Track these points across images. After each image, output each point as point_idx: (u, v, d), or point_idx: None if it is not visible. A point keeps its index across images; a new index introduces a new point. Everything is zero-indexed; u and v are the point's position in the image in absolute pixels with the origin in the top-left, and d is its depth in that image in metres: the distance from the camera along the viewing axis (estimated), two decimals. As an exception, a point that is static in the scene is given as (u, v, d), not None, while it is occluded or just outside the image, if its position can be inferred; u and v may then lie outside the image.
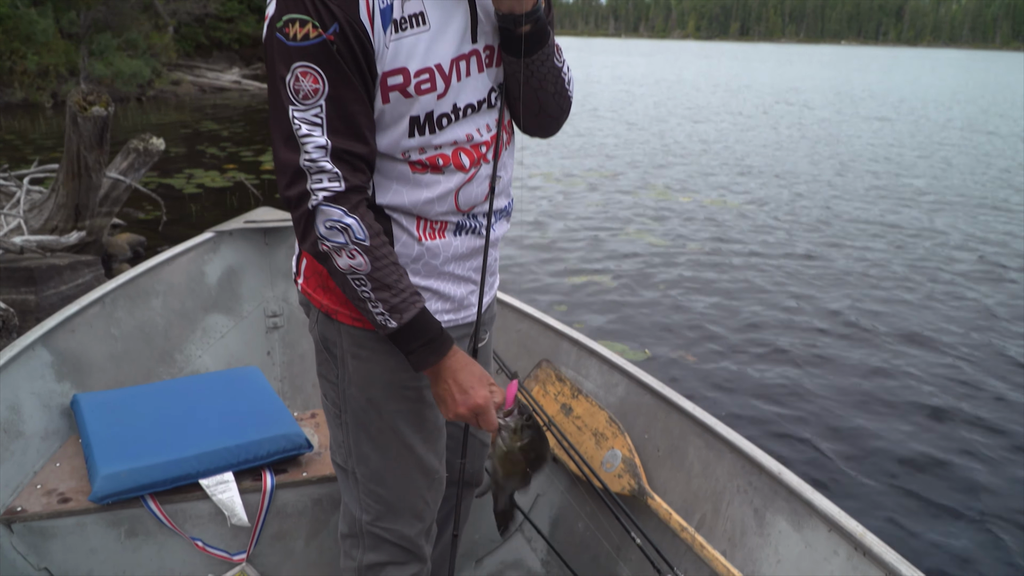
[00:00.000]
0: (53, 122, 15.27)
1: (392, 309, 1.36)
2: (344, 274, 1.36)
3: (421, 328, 1.38)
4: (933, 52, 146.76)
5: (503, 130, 1.54)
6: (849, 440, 3.97)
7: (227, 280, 3.31)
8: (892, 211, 9.17)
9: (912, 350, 5.14)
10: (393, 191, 1.45)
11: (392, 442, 1.58)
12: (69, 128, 4.81)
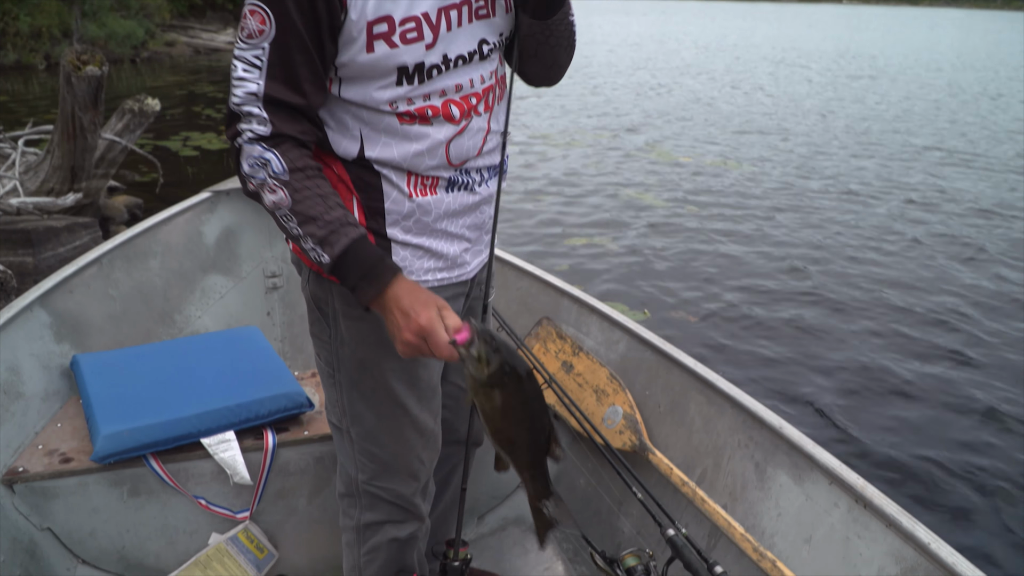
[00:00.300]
0: (47, 84, 15.11)
1: (322, 242, 1.31)
2: (272, 212, 1.34)
3: (357, 259, 1.32)
4: (935, 11, 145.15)
5: (497, 83, 1.51)
6: (852, 398, 3.99)
7: (225, 240, 3.30)
8: (898, 172, 9.12)
9: (917, 309, 5.14)
10: (382, 144, 1.42)
11: (385, 401, 1.57)
12: (63, 88, 4.75)
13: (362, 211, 1.47)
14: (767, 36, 39.14)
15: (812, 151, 10.11)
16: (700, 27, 47.41)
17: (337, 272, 1.33)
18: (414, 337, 1.27)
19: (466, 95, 1.45)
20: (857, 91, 16.63)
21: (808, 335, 4.69)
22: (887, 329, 4.82)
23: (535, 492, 1.37)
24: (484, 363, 1.22)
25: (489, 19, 1.45)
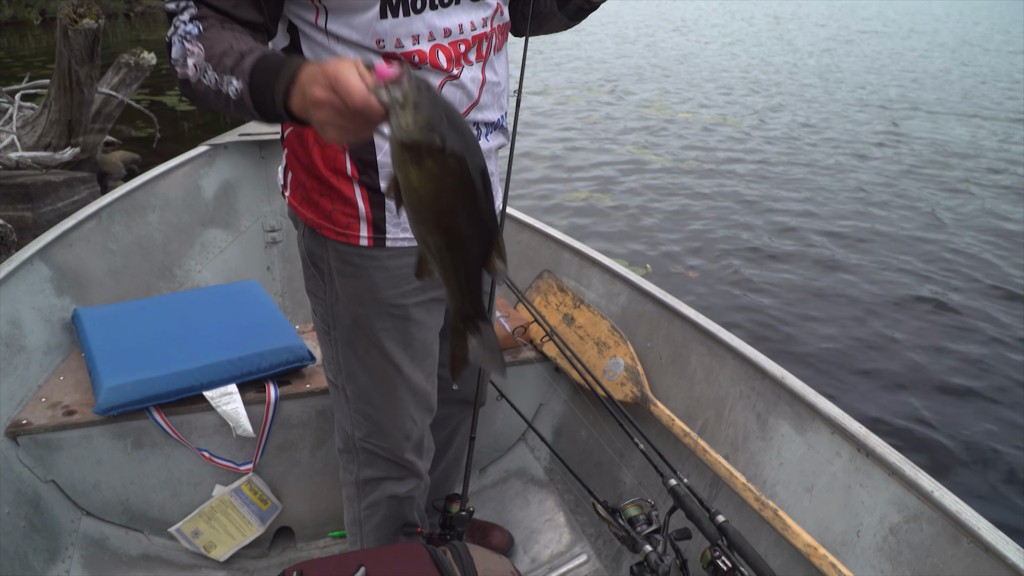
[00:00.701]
0: (42, 39, 14.93)
1: (234, 69, 1.14)
2: (197, 82, 1.18)
3: (268, 66, 1.11)
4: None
5: (493, 32, 1.46)
6: (854, 349, 4.00)
7: (224, 194, 3.27)
8: (903, 127, 9.03)
9: (918, 257, 5.13)
10: None
11: (379, 361, 1.55)
12: (60, 42, 4.68)
13: (354, 165, 1.43)
14: None
15: (814, 108, 10.02)
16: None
17: (255, 90, 1.11)
18: (323, 91, 0.97)
19: (455, 41, 1.39)
20: (859, 48, 16.42)
21: (808, 292, 4.69)
22: (887, 285, 4.81)
23: (459, 310, 1.12)
24: (411, 113, 0.95)
25: None
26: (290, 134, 1.52)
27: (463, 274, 1.07)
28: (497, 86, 1.51)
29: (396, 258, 1.48)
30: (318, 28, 1.35)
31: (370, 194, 1.45)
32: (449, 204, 0.99)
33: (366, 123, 0.97)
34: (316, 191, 1.48)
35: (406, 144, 0.95)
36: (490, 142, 1.53)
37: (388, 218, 1.46)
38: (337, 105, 0.97)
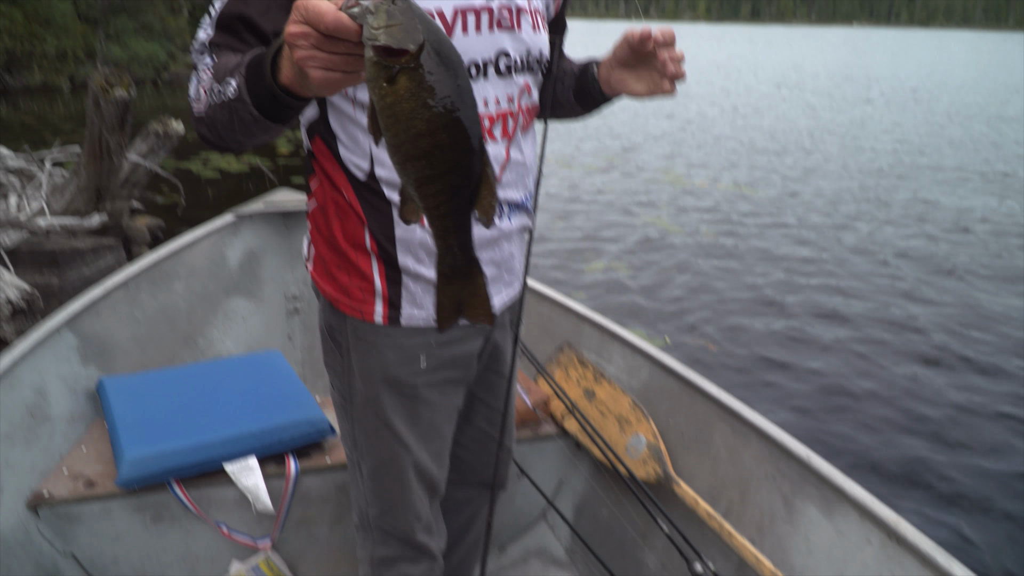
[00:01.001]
0: (71, 104, 15.33)
1: (235, 72, 1.12)
2: (208, 107, 1.17)
3: (260, 56, 1.08)
4: (946, 33, 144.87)
5: (520, 111, 1.48)
6: (881, 428, 3.94)
7: (248, 263, 3.32)
8: (921, 194, 9.07)
9: (946, 337, 5.09)
10: (390, 165, 1.38)
11: (388, 439, 1.54)
12: (91, 111, 4.81)
13: (373, 239, 1.44)
14: (778, 58, 39.21)
15: (828, 176, 10.08)
16: (710, 50, 47.53)
17: (250, 81, 1.08)
18: (297, 25, 0.92)
19: (479, 115, 1.42)
20: (870, 114, 16.60)
21: (833, 368, 4.65)
22: (915, 358, 4.77)
23: (445, 255, 1.03)
24: (382, 18, 0.85)
25: (512, 31, 1.41)
26: (314, 208, 1.54)
27: (449, 211, 0.97)
28: (522, 166, 1.52)
29: (410, 337, 1.48)
30: (346, 97, 1.38)
31: (387, 270, 1.45)
32: (428, 126, 0.89)
33: (344, 48, 0.91)
34: (335, 265, 1.49)
35: (376, 51, 0.86)
36: (512, 223, 1.53)
37: (404, 295, 1.46)
38: (311, 34, 0.91)
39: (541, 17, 1.50)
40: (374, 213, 1.43)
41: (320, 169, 1.48)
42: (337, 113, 1.40)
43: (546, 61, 1.53)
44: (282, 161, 9.90)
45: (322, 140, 1.46)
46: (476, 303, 1.08)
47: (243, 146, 1.22)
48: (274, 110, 1.08)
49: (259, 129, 1.13)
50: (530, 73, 1.48)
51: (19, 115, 13.65)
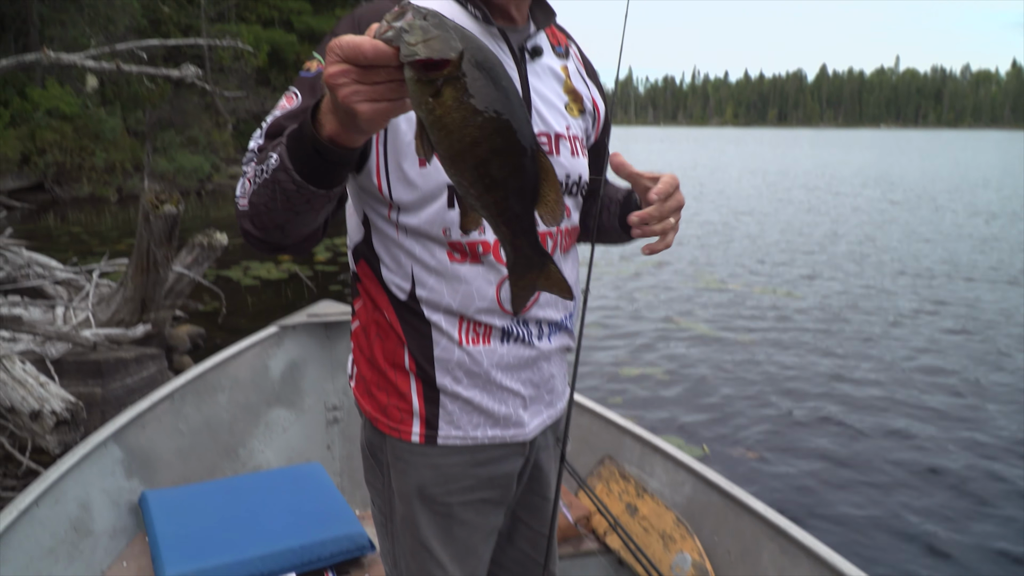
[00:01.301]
0: (118, 215, 15.88)
1: (276, 148, 1.15)
2: (252, 194, 1.20)
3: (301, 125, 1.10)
4: (974, 134, 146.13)
5: (559, 233, 1.51)
6: (936, 543, 3.81)
7: (290, 374, 3.37)
8: (950, 296, 9.00)
9: (993, 439, 4.96)
10: (432, 283, 1.43)
11: (426, 560, 1.52)
12: (141, 225, 5.00)
13: (412, 360, 1.47)
14: (805, 160, 39.71)
15: (861, 277, 10.06)
16: (737, 154, 48.29)
17: (291, 150, 1.11)
18: (336, 65, 0.92)
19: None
20: (900, 216, 16.63)
21: (882, 479, 4.53)
22: (967, 469, 4.64)
23: (517, 257, 1.02)
24: (418, 34, 0.85)
25: (552, 157, 1.46)
26: (357, 328, 1.58)
27: (513, 217, 0.96)
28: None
29: (447, 456, 1.48)
30: (389, 221, 1.43)
31: (425, 390, 1.46)
32: (482, 132, 0.88)
33: (386, 75, 0.92)
34: (375, 384, 1.51)
35: (417, 67, 0.85)
36: (552, 343, 1.54)
37: (441, 415, 1.47)
38: (351, 70, 0.92)
39: (581, 143, 1.56)
40: (414, 333, 1.46)
41: (364, 291, 1.53)
42: (381, 236, 1.46)
43: (586, 184, 1.57)
44: (320, 268, 10.11)
45: (366, 262, 1.51)
46: (552, 284, 1.09)
47: (285, 233, 1.24)
48: (318, 172, 1.10)
49: (301, 200, 1.14)
50: (570, 197, 1.53)
51: (67, 226, 14.16)
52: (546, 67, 1.51)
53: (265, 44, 23.77)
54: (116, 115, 19.57)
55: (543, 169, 0.96)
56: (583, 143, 1.58)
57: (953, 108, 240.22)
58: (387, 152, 1.37)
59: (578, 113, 1.56)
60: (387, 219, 1.43)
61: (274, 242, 1.28)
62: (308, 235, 1.30)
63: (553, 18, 1.55)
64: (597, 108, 1.64)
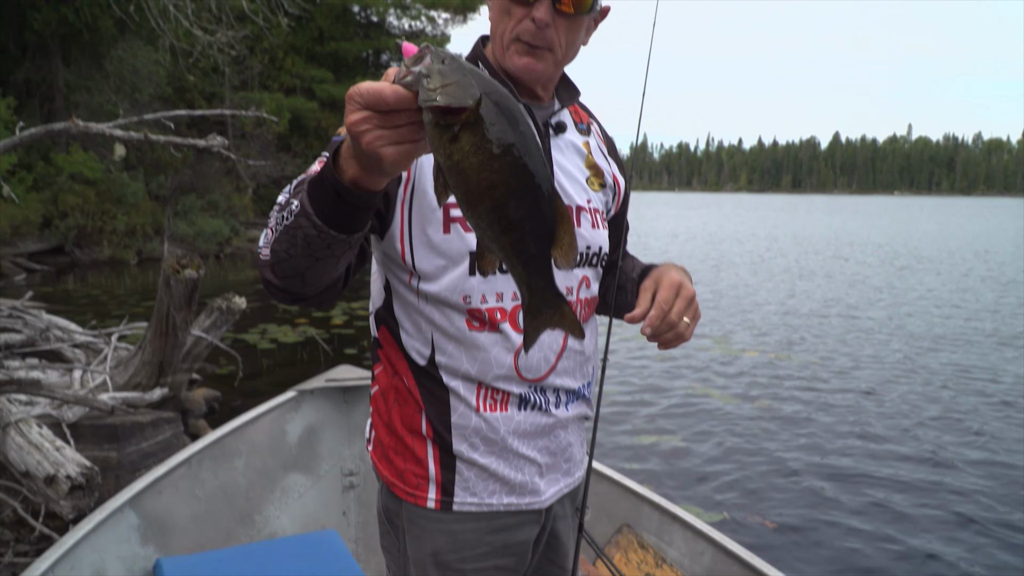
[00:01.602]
0: (137, 278, 16.06)
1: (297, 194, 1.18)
2: (274, 241, 1.22)
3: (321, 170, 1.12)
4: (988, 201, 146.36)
5: (578, 302, 1.53)
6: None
7: (307, 439, 3.37)
8: (971, 362, 8.91)
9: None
10: (451, 350, 1.45)
11: None
12: (161, 289, 5.05)
13: (430, 426, 1.48)
14: (818, 226, 39.80)
15: (878, 344, 9.99)
16: (750, 219, 48.49)
17: (313, 195, 1.14)
18: (357, 111, 0.96)
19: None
20: (913, 282, 16.58)
21: (903, 547, 4.44)
22: (987, 531, 4.54)
23: (532, 297, 1.02)
24: (436, 79, 0.87)
25: (576, 228, 1.50)
26: (376, 392, 1.59)
27: (529, 259, 0.97)
28: (580, 355, 1.56)
29: (462, 522, 1.49)
30: (410, 288, 1.46)
31: (442, 456, 1.48)
32: (499, 176, 0.89)
33: (407, 119, 0.94)
34: (392, 449, 1.53)
35: (436, 113, 0.87)
36: (569, 411, 1.55)
37: (457, 481, 1.48)
38: (372, 116, 0.94)
39: (601, 216, 1.60)
40: (432, 399, 1.48)
41: (384, 356, 1.55)
42: (401, 302, 1.49)
43: (605, 256, 1.61)
44: (336, 331, 10.14)
45: (387, 328, 1.53)
46: (565, 324, 1.09)
47: (305, 282, 1.24)
48: (339, 216, 1.11)
49: (322, 245, 1.15)
50: (589, 267, 1.56)
51: (86, 288, 14.31)
52: (569, 143, 1.57)
53: (287, 111, 24.30)
54: (139, 179, 19.96)
55: (559, 212, 0.97)
56: (603, 216, 1.62)
57: (966, 176, 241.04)
58: (412, 218, 1.40)
59: (599, 187, 1.61)
60: (408, 286, 1.46)
61: (294, 291, 1.29)
62: (328, 286, 1.31)
63: (577, 96, 1.61)
64: (617, 183, 1.69)
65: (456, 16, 30.51)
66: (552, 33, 1.43)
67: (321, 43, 28.73)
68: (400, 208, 1.40)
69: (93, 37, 18.93)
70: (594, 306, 1.63)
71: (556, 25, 1.43)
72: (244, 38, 14.90)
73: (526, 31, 1.43)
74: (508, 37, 1.45)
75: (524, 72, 1.47)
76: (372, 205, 1.13)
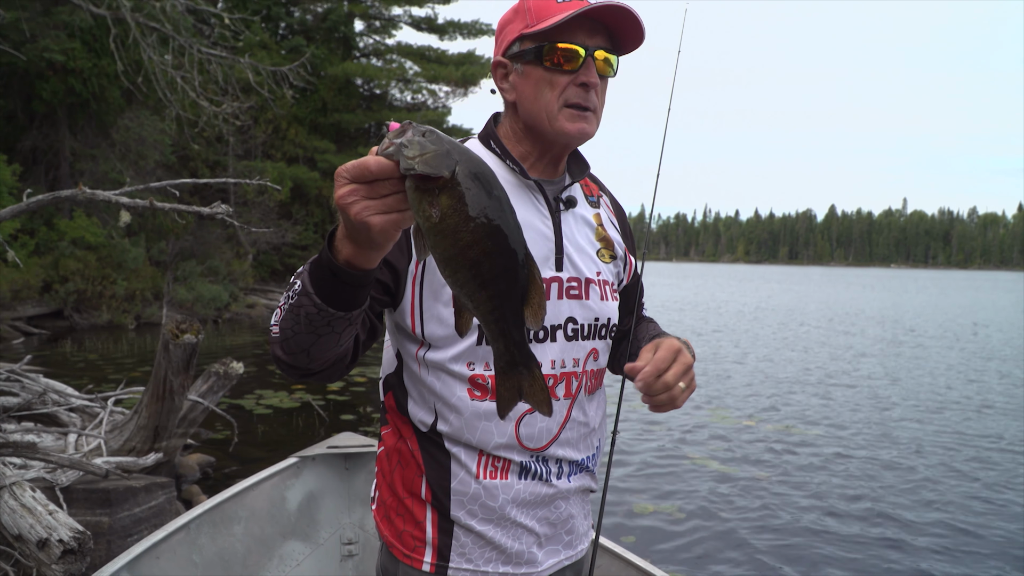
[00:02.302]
0: (135, 343, 16.02)
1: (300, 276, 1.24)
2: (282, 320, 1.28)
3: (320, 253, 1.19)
4: (984, 274, 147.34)
5: (584, 374, 1.55)
6: None
7: (307, 505, 3.34)
8: (967, 433, 8.86)
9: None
10: (451, 421, 1.46)
11: None
12: (160, 354, 5.06)
13: (429, 490, 1.49)
14: (815, 297, 39.94)
15: (875, 414, 9.94)
16: (746, 289, 48.66)
17: (313, 275, 1.20)
18: (345, 186, 1.02)
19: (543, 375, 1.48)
20: (913, 353, 16.58)
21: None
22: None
23: (503, 354, 1.07)
24: (415, 149, 0.95)
25: (581, 300, 1.53)
26: (381, 453, 1.61)
27: (503, 315, 1.02)
28: (585, 426, 1.56)
29: None
30: (417, 359, 1.49)
31: (440, 520, 1.49)
32: (473, 236, 0.96)
33: (391, 187, 1.00)
34: (394, 510, 1.54)
35: (415, 178, 0.95)
36: (571, 483, 1.55)
37: (454, 546, 1.48)
38: (359, 188, 1.01)
39: (611, 288, 1.62)
40: (433, 464, 1.49)
41: (391, 420, 1.58)
42: (409, 371, 1.52)
43: (614, 327, 1.62)
44: (332, 397, 10.09)
45: (394, 394, 1.56)
46: (535, 391, 1.12)
47: (311, 357, 1.29)
48: (337, 294, 1.17)
49: (322, 322, 1.21)
50: (598, 339, 1.58)
51: (84, 353, 14.27)
52: (579, 216, 1.60)
53: (288, 180, 24.62)
54: (140, 245, 20.07)
55: (531, 274, 1.03)
56: (614, 287, 1.64)
57: (962, 249, 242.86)
58: (423, 292, 1.44)
59: (610, 259, 1.64)
60: (415, 356, 1.49)
61: (302, 367, 1.33)
62: (334, 361, 1.34)
63: (587, 171, 1.64)
64: (628, 254, 1.72)
65: (457, 89, 31.15)
66: (594, 96, 1.49)
67: (324, 114, 29.28)
68: (412, 283, 1.44)
69: (100, 107, 19.26)
70: (601, 378, 1.64)
71: (597, 88, 1.49)
72: (249, 109, 15.22)
73: (576, 95, 1.48)
74: (556, 106, 1.48)
75: (578, 136, 1.50)
76: (367, 283, 1.19)
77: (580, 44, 1.45)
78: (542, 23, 1.45)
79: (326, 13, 29.80)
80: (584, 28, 1.46)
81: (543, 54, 1.46)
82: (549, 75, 1.47)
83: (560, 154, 1.56)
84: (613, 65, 1.52)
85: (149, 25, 11.35)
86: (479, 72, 29.96)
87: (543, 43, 1.46)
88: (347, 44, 30.67)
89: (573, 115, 1.48)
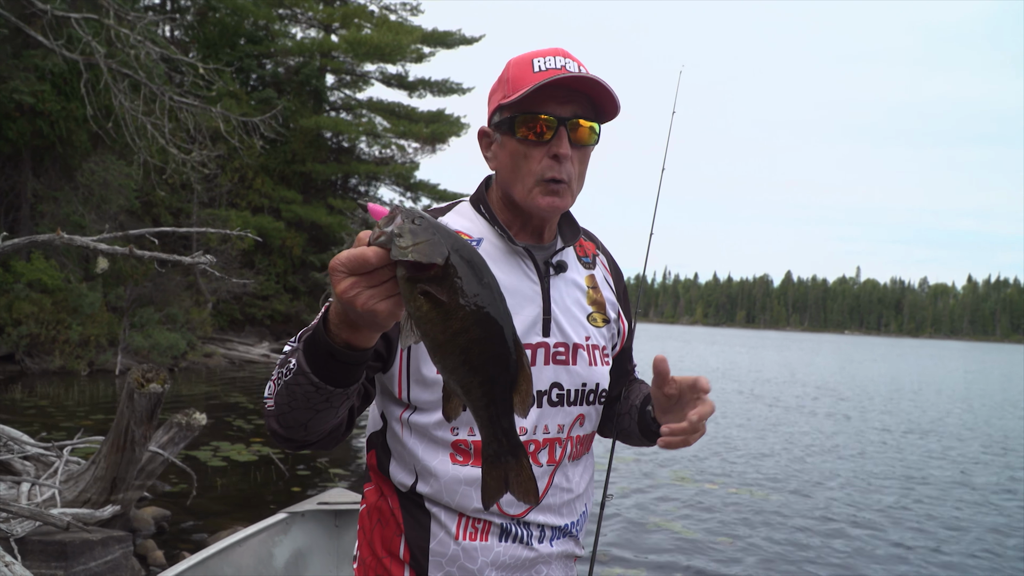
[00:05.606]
0: (86, 389, 15.66)
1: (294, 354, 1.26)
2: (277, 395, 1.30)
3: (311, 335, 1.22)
4: (934, 343, 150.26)
5: (569, 440, 1.54)
6: None
7: (294, 563, 3.29)
8: (932, 500, 8.99)
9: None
10: (431, 483, 1.47)
11: None
12: (123, 403, 4.99)
13: (408, 550, 1.50)
14: (770, 361, 40.41)
15: (833, 478, 10.06)
16: (705, 353, 49.07)
17: (308, 353, 1.21)
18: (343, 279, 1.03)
19: (526, 440, 1.46)
20: (870, 418, 16.82)
21: None
22: None
23: (491, 441, 1.06)
24: (407, 238, 0.95)
25: (567, 366, 1.52)
26: (363, 511, 1.62)
27: (492, 401, 1.02)
28: (568, 492, 1.56)
29: None
30: (400, 421, 1.51)
31: None
32: (463, 324, 0.96)
33: (389, 272, 1.01)
34: (372, 569, 1.54)
35: (406, 266, 0.95)
36: (553, 547, 1.54)
37: None
38: (359, 280, 1.01)
39: (601, 352, 1.61)
40: (413, 524, 1.50)
41: (374, 477, 1.59)
42: (392, 432, 1.54)
43: (603, 393, 1.61)
44: (291, 451, 9.95)
45: (376, 453, 1.58)
46: (522, 482, 1.11)
47: (308, 431, 1.30)
48: (334, 373, 1.18)
49: (320, 399, 1.22)
50: (586, 404, 1.58)
51: (34, 399, 13.91)
52: (570, 280, 1.60)
53: (252, 229, 24.47)
54: (98, 290, 19.72)
55: (520, 362, 1.04)
56: (605, 351, 1.62)
57: (913, 318, 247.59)
58: (411, 359, 1.47)
59: (602, 323, 1.63)
60: (399, 419, 1.51)
61: (298, 439, 1.35)
62: (331, 431, 1.36)
63: (578, 235, 1.64)
64: (621, 317, 1.71)
65: (425, 146, 31.42)
66: (569, 166, 1.47)
67: (292, 164, 29.30)
68: (400, 351, 1.46)
69: (66, 150, 19.10)
70: (589, 444, 1.63)
71: (572, 158, 1.47)
72: (217, 157, 15.20)
73: (548, 168, 1.46)
74: (531, 180, 1.48)
75: (549, 211, 1.49)
76: (365, 360, 1.20)
77: (551, 114, 1.44)
78: (516, 93, 1.45)
79: (299, 67, 30.03)
80: (556, 98, 1.44)
81: (515, 125, 1.46)
82: (523, 148, 1.47)
83: (540, 225, 1.56)
84: (594, 132, 1.49)
85: (122, 71, 11.37)
86: (448, 130, 30.28)
87: (516, 114, 1.46)
88: (318, 97, 30.87)
89: (546, 189, 1.47)
